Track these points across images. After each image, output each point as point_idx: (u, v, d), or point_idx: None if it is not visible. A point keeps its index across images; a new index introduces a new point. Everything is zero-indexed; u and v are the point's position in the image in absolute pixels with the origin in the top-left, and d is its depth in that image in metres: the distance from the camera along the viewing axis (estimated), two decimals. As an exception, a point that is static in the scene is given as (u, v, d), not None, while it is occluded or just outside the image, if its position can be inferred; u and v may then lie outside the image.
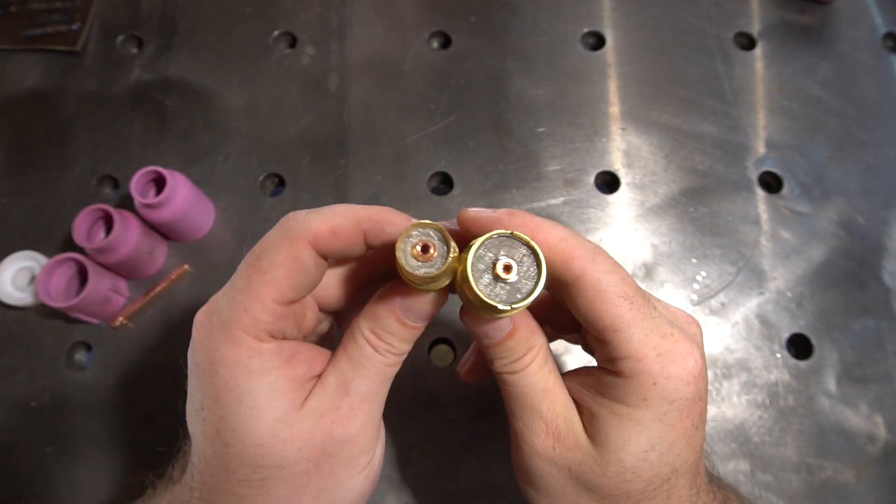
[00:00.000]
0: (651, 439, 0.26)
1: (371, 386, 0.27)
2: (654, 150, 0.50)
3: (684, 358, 0.26)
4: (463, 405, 0.43)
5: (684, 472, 0.27)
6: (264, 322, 0.25)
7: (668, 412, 0.26)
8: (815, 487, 0.41)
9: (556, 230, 0.26)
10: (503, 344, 0.27)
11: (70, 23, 0.55)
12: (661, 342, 0.26)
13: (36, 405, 0.45)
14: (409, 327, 0.27)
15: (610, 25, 0.54)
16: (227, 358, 0.25)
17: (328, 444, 0.26)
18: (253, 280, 0.25)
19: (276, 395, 0.26)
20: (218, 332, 0.25)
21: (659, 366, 0.26)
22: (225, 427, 0.25)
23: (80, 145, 0.52)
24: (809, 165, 0.50)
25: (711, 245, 0.47)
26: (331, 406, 0.26)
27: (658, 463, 0.26)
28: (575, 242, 0.26)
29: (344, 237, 0.26)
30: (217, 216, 0.49)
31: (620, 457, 0.26)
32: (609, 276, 0.26)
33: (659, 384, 0.26)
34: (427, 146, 0.50)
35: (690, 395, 0.26)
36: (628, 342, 0.26)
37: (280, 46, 0.55)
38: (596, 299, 0.26)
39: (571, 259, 0.26)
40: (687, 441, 0.27)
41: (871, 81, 0.53)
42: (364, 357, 0.27)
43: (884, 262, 0.47)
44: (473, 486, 0.42)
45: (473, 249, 0.24)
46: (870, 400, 0.43)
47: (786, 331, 0.45)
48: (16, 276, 0.47)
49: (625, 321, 0.25)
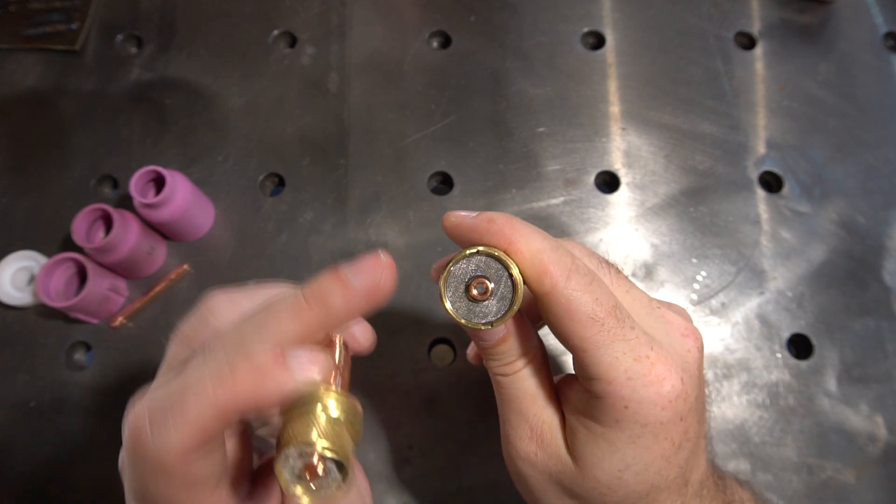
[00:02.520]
0: (625, 460, 0.26)
1: None
2: (654, 150, 0.50)
3: (660, 382, 0.25)
4: (463, 405, 0.43)
5: (665, 488, 0.27)
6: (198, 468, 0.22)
7: (641, 435, 0.25)
8: (816, 487, 0.41)
9: (532, 242, 0.25)
10: (496, 347, 0.28)
11: (69, 22, 0.55)
12: (632, 365, 0.25)
13: (35, 405, 0.45)
14: None
15: (610, 25, 0.54)
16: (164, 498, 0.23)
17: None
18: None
19: None
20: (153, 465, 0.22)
21: (629, 389, 0.25)
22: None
23: (80, 145, 0.52)
24: (809, 165, 0.50)
25: (711, 245, 0.47)
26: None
27: (634, 482, 0.26)
28: (551, 257, 0.25)
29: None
30: (217, 216, 0.49)
31: (595, 473, 0.26)
32: (582, 294, 0.25)
33: (630, 408, 0.25)
34: (427, 146, 0.50)
35: (667, 419, 0.25)
36: (597, 364, 0.25)
37: (280, 46, 0.55)
38: (565, 318, 0.25)
39: (543, 274, 0.25)
40: (666, 461, 0.26)
41: (871, 81, 0.53)
42: None
43: (884, 262, 0.47)
44: (473, 486, 0.41)
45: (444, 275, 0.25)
46: (870, 400, 0.43)
47: (786, 331, 0.45)
48: (15, 275, 0.47)
49: (592, 343, 0.25)
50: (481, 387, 0.44)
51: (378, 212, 0.48)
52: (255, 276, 0.47)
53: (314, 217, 0.49)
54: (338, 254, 0.47)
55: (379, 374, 0.44)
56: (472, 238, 0.26)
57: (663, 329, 0.28)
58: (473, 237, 0.26)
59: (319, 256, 0.47)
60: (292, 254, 0.47)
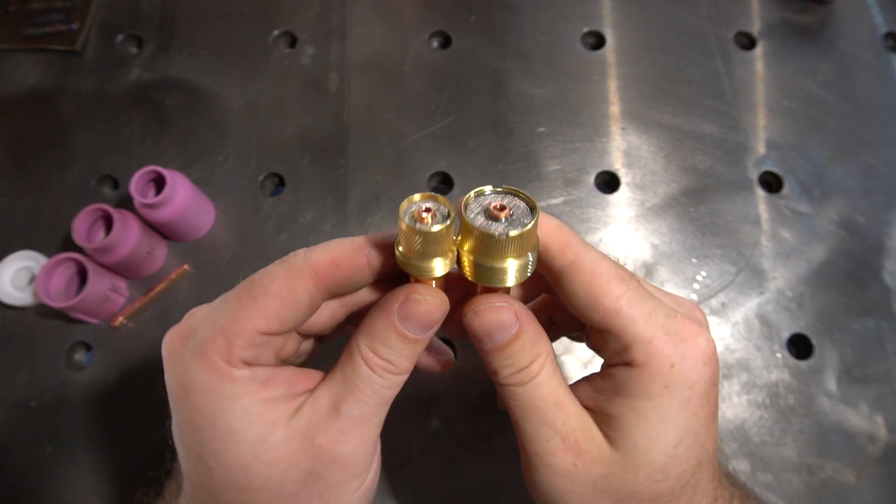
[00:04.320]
0: (678, 432, 0.25)
1: (366, 409, 0.25)
2: (654, 150, 0.50)
3: (695, 337, 0.25)
4: (463, 405, 0.43)
5: (707, 465, 0.26)
6: (240, 349, 0.24)
7: (690, 398, 0.25)
8: (816, 487, 0.41)
9: (551, 218, 0.26)
10: (509, 347, 0.26)
11: (69, 22, 0.55)
12: (667, 321, 0.25)
13: (35, 405, 0.45)
14: (410, 340, 0.25)
15: (610, 25, 0.54)
16: (197, 382, 0.24)
17: (317, 466, 0.25)
18: (241, 305, 0.25)
19: (253, 418, 0.25)
20: (191, 354, 0.25)
21: (671, 345, 0.25)
22: (205, 451, 0.25)
23: (80, 145, 0.52)
24: (809, 165, 0.50)
25: (711, 245, 0.47)
26: (320, 427, 0.25)
27: (685, 457, 0.25)
28: (569, 231, 0.26)
29: (346, 266, 0.25)
30: (217, 216, 0.49)
31: (651, 457, 0.25)
32: (602, 261, 0.25)
33: (676, 366, 0.24)
34: (427, 146, 0.50)
35: (709, 377, 0.25)
36: (633, 323, 0.25)
37: (280, 46, 0.55)
38: (592, 283, 0.25)
39: (566, 245, 0.25)
40: (707, 430, 0.26)
41: (871, 81, 0.53)
42: (359, 378, 0.25)
43: (884, 262, 0.47)
44: (473, 486, 0.41)
45: (465, 200, 0.24)
46: (870, 400, 0.43)
47: (786, 331, 0.45)
48: (15, 275, 0.47)
49: (625, 301, 0.25)
50: (481, 387, 0.44)
51: (378, 212, 0.48)
52: (256, 276, 0.47)
53: (314, 217, 0.49)
54: (338, 254, 0.47)
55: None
56: None
57: (675, 303, 0.28)
58: None
59: (319, 256, 0.47)
60: (292, 254, 0.47)
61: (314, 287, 0.25)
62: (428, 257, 0.24)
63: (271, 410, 0.25)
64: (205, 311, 0.26)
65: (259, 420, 0.25)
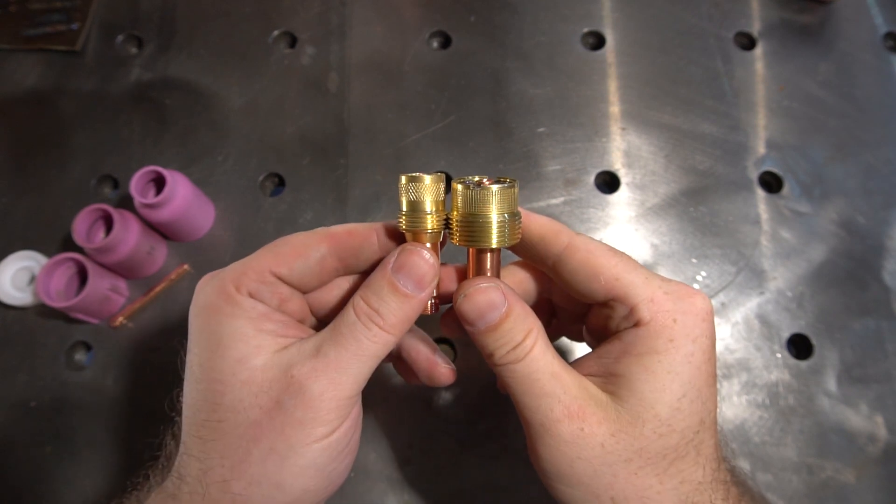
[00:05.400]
0: (683, 385, 0.26)
1: (344, 354, 0.26)
2: (654, 150, 0.50)
3: (692, 296, 0.27)
4: (463, 405, 0.43)
5: (709, 425, 0.27)
6: (250, 279, 0.28)
7: (693, 352, 0.27)
8: (816, 487, 0.41)
9: (543, 217, 0.29)
10: (501, 326, 0.27)
11: (70, 22, 0.55)
12: (663, 283, 0.27)
13: (36, 405, 0.45)
14: (401, 293, 0.27)
15: (610, 25, 0.54)
16: (208, 302, 0.28)
17: (284, 396, 0.26)
18: (262, 251, 0.29)
19: (240, 337, 0.27)
20: (212, 283, 0.28)
21: (671, 302, 0.27)
22: (196, 362, 0.27)
23: (80, 145, 0.52)
24: (809, 165, 0.50)
25: (711, 245, 0.47)
26: (297, 362, 0.26)
27: (689, 412, 0.26)
28: (560, 223, 0.29)
29: (358, 236, 0.29)
30: (217, 216, 0.49)
31: (657, 410, 0.26)
32: (593, 241, 0.28)
33: (679, 320, 0.26)
34: (427, 146, 0.50)
35: (709, 333, 0.27)
36: (633, 285, 0.27)
37: (280, 46, 0.55)
38: (589, 258, 0.28)
39: (559, 233, 0.28)
40: (709, 388, 0.27)
41: (871, 81, 0.53)
42: (346, 323, 0.27)
43: (884, 262, 0.47)
44: (473, 486, 0.41)
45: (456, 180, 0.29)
46: (870, 400, 0.43)
47: (786, 331, 0.45)
48: (16, 276, 0.47)
49: (623, 268, 0.27)
50: (481, 387, 0.44)
51: (378, 212, 0.48)
52: (256, 276, 0.47)
53: (314, 217, 0.49)
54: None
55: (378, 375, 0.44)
56: None
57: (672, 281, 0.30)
58: None
59: (319, 256, 0.47)
60: (292, 254, 0.47)
61: (327, 249, 0.29)
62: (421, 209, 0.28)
63: (260, 338, 0.27)
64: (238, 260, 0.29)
65: (246, 342, 0.27)
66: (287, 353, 0.27)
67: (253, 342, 0.27)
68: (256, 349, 0.27)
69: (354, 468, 0.42)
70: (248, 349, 0.27)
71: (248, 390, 0.26)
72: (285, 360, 0.27)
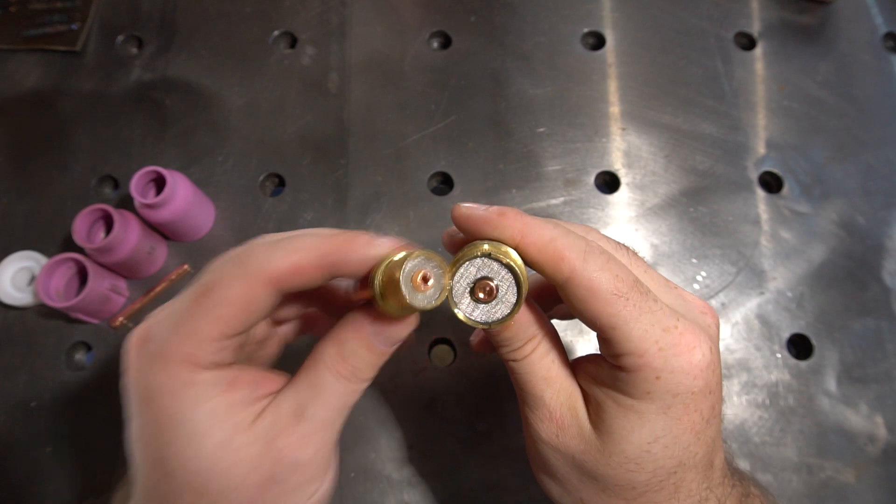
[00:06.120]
0: (654, 431, 0.26)
1: (329, 413, 0.26)
2: (654, 150, 0.50)
3: (690, 351, 0.25)
4: (463, 405, 0.43)
5: (692, 467, 0.27)
6: (204, 352, 0.24)
7: (672, 405, 0.26)
8: (815, 487, 0.41)
9: (545, 231, 0.26)
10: (503, 333, 0.28)
11: (70, 23, 0.55)
12: (662, 336, 0.25)
13: (36, 405, 0.45)
14: (379, 353, 0.26)
15: (610, 25, 0.54)
16: (163, 386, 0.24)
17: (277, 469, 0.25)
18: (198, 313, 0.24)
19: (216, 421, 0.24)
20: (154, 359, 0.24)
21: (662, 360, 0.25)
22: (165, 455, 0.24)
23: (80, 145, 0.52)
24: (809, 165, 0.50)
25: (711, 245, 0.47)
26: (283, 430, 0.25)
27: (662, 456, 0.26)
28: (564, 242, 0.25)
29: (306, 274, 0.25)
30: (217, 216, 0.49)
31: (623, 447, 0.26)
32: (601, 273, 0.25)
33: (662, 378, 0.25)
34: (427, 146, 0.50)
35: (698, 389, 0.26)
36: (627, 339, 0.25)
37: (280, 46, 0.55)
38: (589, 298, 0.25)
39: (560, 261, 0.25)
40: (695, 435, 0.26)
41: (871, 81, 0.53)
42: (324, 383, 0.26)
43: (884, 262, 0.47)
44: (473, 486, 0.41)
45: (453, 275, 0.25)
46: (870, 400, 0.43)
47: (786, 331, 0.45)
48: (16, 276, 0.47)
49: (621, 318, 0.25)
50: (481, 387, 0.44)
51: (378, 212, 0.48)
52: (256, 277, 0.47)
53: (314, 217, 0.49)
54: (338, 254, 0.47)
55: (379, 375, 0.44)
56: (483, 230, 0.26)
57: (684, 306, 0.28)
58: (485, 229, 0.26)
59: (319, 256, 0.47)
60: (292, 254, 0.47)
61: (273, 292, 0.25)
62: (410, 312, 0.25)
63: (235, 413, 0.25)
64: (166, 314, 0.25)
65: (223, 423, 0.24)
66: (266, 421, 0.25)
67: (230, 421, 0.24)
68: (235, 428, 0.24)
69: (354, 468, 0.42)
70: (227, 431, 0.24)
71: (237, 472, 0.24)
72: (267, 430, 0.25)
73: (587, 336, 0.45)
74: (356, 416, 0.43)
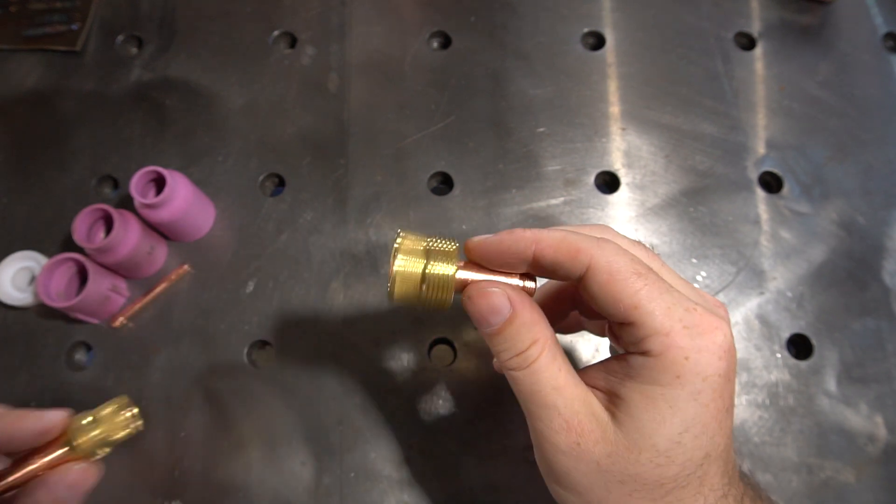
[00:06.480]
0: (685, 420, 0.25)
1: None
2: (654, 150, 0.50)
3: (713, 331, 0.26)
4: (463, 405, 0.43)
5: (716, 458, 0.27)
6: None
7: (701, 390, 0.25)
8: (815, 487, 0.41)
9: (553, 234, 0.27)
10: (504, 331, 0.27)
11: (70, 23, 0.55)
12: (685, 315, 0.25)
13: (35, 405, 0.45)
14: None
15: (610, 25, 0.54)
16: None
17: None
18: None
19: None
20: None
21: (688, 338, 0.25)
22: None
23: (80, 145, 0.52)
24: (809, 165, 0.50)
25: (711, 245, 0.47)
26: None
27: (692, 446, 0.26)
28: (575, 238, 0.27)
29: None
30: (217, 216, 0.49)
31: (654, 441, 0.25)
32: (619, 257, 0.26)
33: (691, 358, 0.25)
34: (427, 146, 0.50)
35: (723, 371, 0.26)
36: (651, 316, 0.25)
37: (280, 46, 0.55)
38: (610, 281, 0.26)
39: (577, 252, 0.26)
40: (719, 424, 0.26)
41: (871, 81, 0.53)
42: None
43: (884, 262, 0.47)
44: (473, 486, 0.41)
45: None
46: (870, 400, 0.43)
47: (786, 331, 0.45)
48: (16, 276, 0.47)
49: (644, 295, 0.25)
50: (481, 387, 0.44)
51: (378, 212, 0.48)
52: (255, 276, 0.47)
53: (314, 217, 0.49)
54: (338, 254, 0.47)
55: (379, 375, 0.44)
56: (501, 252, 0.28)
57: (699, 297, 0.28)
58: (502, 250, 0.28)
59: (320, 256, 0.47)
60: (292, 254, 0.47)
61: None
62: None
63: None
64: None
65: None
66: None
67: None
68: None
69: (354, 468, 0.42)
70: None
71: None
72: None
73: (587, 336, 0.45)
74: (356, 416, 0.43)
